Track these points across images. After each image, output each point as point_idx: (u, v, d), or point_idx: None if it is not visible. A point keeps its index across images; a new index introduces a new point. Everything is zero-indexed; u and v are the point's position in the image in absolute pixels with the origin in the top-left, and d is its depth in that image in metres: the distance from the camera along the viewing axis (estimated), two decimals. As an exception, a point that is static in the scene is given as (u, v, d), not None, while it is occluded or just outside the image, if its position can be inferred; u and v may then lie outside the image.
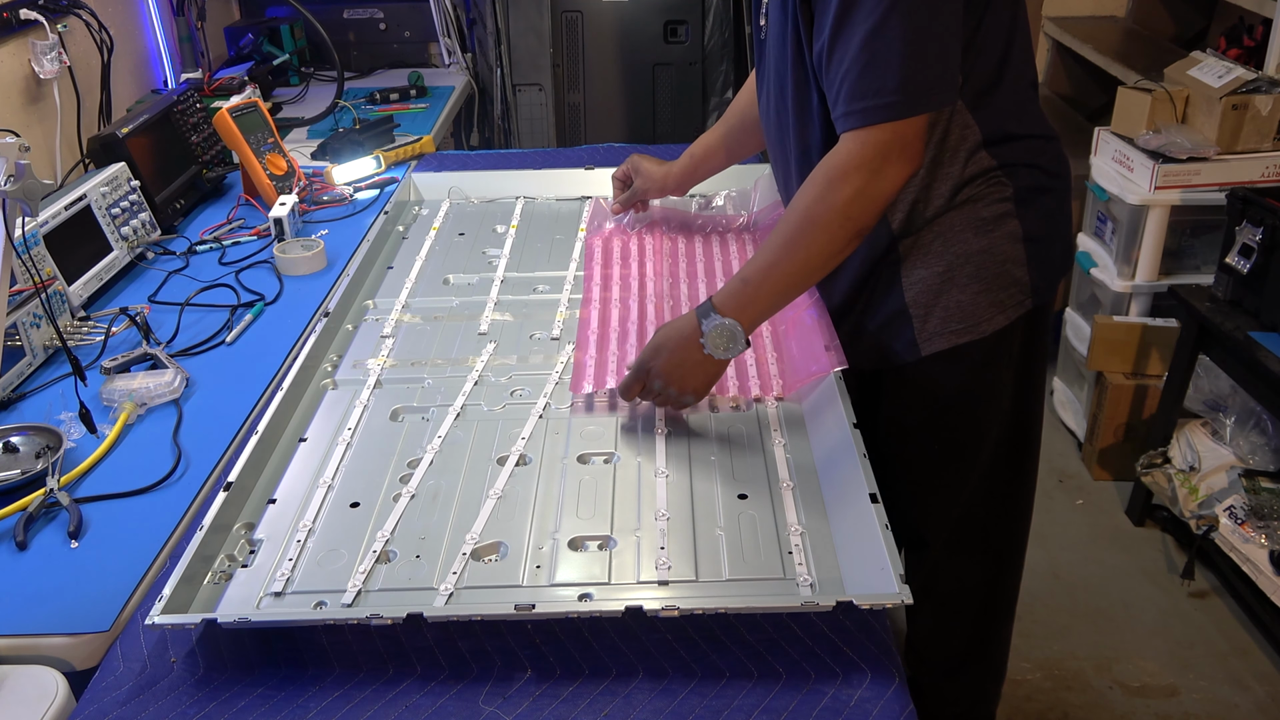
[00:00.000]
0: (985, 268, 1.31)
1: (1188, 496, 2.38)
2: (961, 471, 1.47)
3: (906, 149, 1.17)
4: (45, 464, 1.27)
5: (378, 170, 2.21)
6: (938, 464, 1.47)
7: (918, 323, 1.35)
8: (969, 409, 1.42)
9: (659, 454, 1.24)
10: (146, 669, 0.99)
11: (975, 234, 1.30)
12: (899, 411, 1.45)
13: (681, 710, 0.93)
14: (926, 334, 1.35)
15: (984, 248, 1.31)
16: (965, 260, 1.31)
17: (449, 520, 1.14)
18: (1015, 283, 1.33)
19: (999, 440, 1.45)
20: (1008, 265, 1.32)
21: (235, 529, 1.13)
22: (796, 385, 1.33)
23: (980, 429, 1.44)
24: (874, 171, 1.16)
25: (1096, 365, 2.65)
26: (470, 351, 1.48)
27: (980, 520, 1.52)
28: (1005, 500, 1.54)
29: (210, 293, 1.74)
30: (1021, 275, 1.33)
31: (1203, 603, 2.35)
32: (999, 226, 1.30)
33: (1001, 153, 1.29)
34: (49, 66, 2.08)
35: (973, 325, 1.33)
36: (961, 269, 1.31)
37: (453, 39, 3.11)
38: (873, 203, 1.19)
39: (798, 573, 1.05)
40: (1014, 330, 1.35)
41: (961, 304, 1.33)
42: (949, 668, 1.67)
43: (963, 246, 1.31)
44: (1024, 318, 1.35)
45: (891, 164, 1.17)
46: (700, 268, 1.67)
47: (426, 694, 0.95)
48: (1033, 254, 1.32)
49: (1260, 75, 2.40)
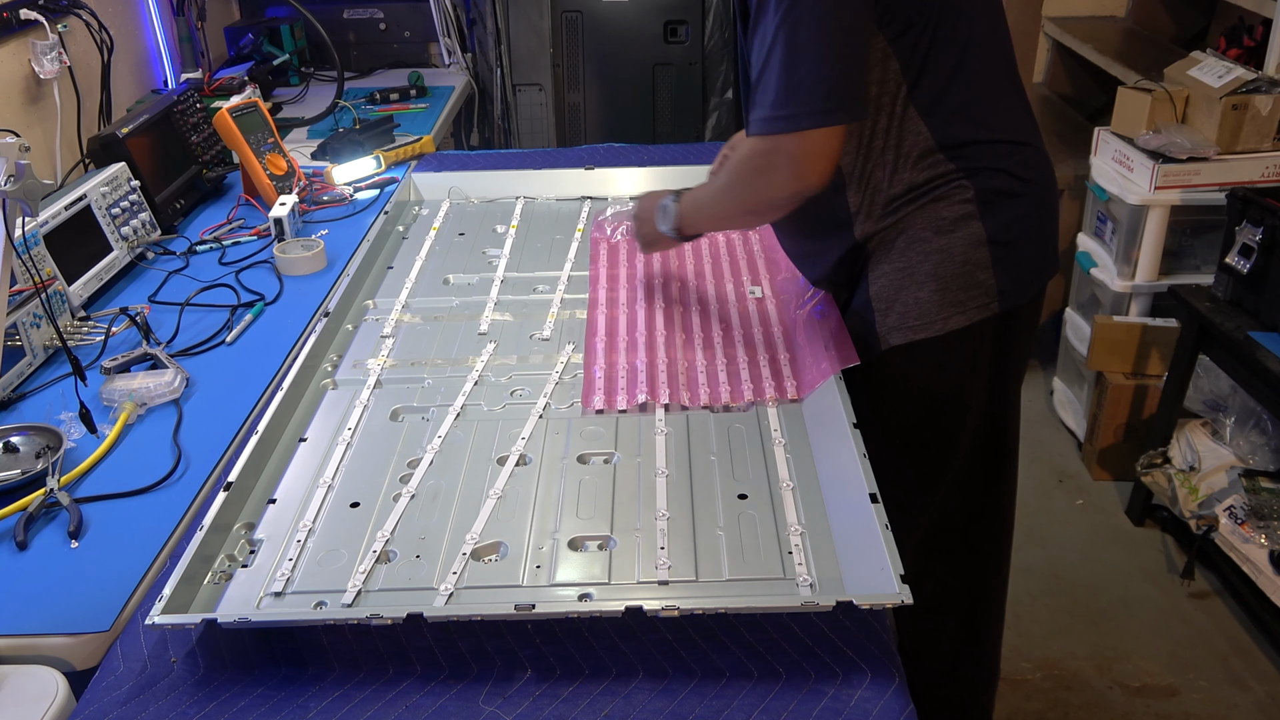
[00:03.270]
0: (943, 267, 1.33)
1: (1188, 496, 2.38)
2: (929, 473, 1.47)
3: (814, 154, 1.21)
4: (45, 464, 1.27)
5: (378, 170, 2.21)
6: (903, 462, 1.46)
7: (879, 316, 1.37)
8: (931, 408, 1.42)
9: (659, 454, 1.24)
10: (146, 669, 0.99)
11: (935, 234, 1.32)
12: (869, 405, 1.45)
13: (681, 710, 0.93)
14: (886, 328, 1.37)
15: (942, 247, 1.32)
16: (924, 258, 1.33)
17: (449, 520, 1.14)
18: (978, 284, 1.33)
19: (972, 444, 1.45)
20: (969, 267, 1.33)
21: (235, 529, 1.13)
22: (812, 386, 1.34)
23: (945, 429, 1.44)
24: (772, 170, 1.23)
25: (1096, 365, 2.65)
26: (470, 351, 1.48)
27: (956, 524, 1.52)
28: (982, 505, 1.53)
29: (210, 293, 1.74)
30: (986, 278, 1.33)
31: (1203, 603, 2.35)
32: (960, 228, 1.32)
33: (960, 156, 1.31)
34: (49, 66, 2.08)
35: (928, 323, 1.35)
36: (920, 266, 1.33)
37: (453, 39, 3.11)
38: (782, 193, 1.25)
39: (798, 573, 1.05)
40: (977, 332, 1.36)
41: (920, 300, 1.34)
42: (942, 669, 1.67)
43: (923, 245, 1.33)
44: (992, 321, 1.35)
45: (778, 171, 1.23)
46: (709, 268, 1.67)
47: (426, 694, 0.95)
48: (999, 257, 1.33)
49: (1260, 75, 2.40)
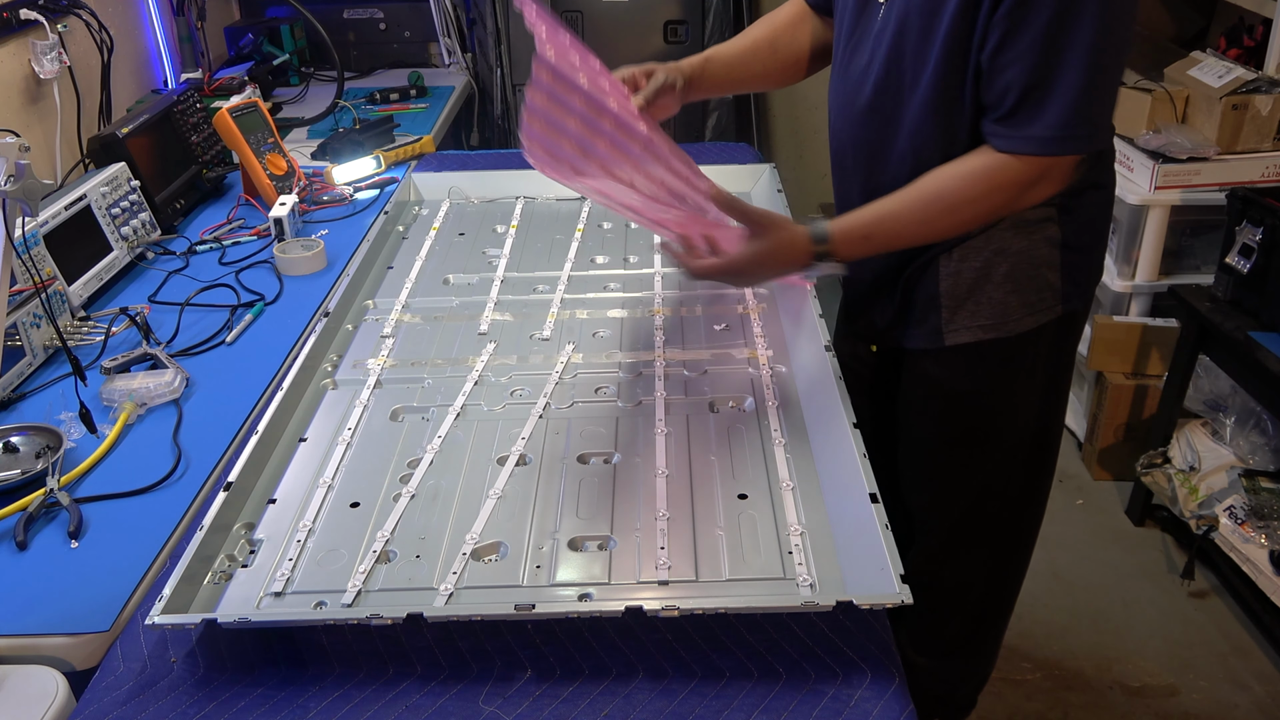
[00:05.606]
0: (1020, 268, 1.32)
1: (1188, 496, 2.38)
2: (969, 467, 1.47)
3: (1063, 175, 1.22)
4: (45, 464, 1.27)
5: (378, 170, 2.21)
6: (945, 455, 1.47)
7: (946, 313, 1.36)
8: (983, 406, 1.42)
9: (659, 454, 1.24)
10: (146, 669, 0.99)
11: (1016, 234, 1.31)
12: (914, 396, 1.46)
13: (681, 710, 0.93)
14: (954, 325, 1.36)
15: (1022, 249, 1.31)
16: (1003, 258, 1.32)
17: (449, 520, 1.14)
18: (1048, 286, 1.33)
19: (1017, 443, 1.45)
20: (1042, 268, 1.32)
21: (235, 529, 1.13)
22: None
23: (994, 427, 1.44)
24: (1025, 189, 1.22)
25: (1097, 365, 2.65)
26: (470, 351, 1.47)
27: (987, 519, 1.52)
28: (1016, 503, 1.53)
29: (210, 293, 1.74)
30: (1054, 280, 1.33)
31: (1203, 603, 2.35)
32: (1040, 230, 1.31)
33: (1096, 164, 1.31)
34: (49, 66, 2.08)
35: (1000, 324, 1.34)
36: (998, 267, 1.32)
37: (453, 39, 3.11)
38: (1010, 212, 1.27)
39: (798, 573, 1.05)
40: (1041, 334, 1.36)
41: (994, 301, 1.33)
42: (940, 652, 1.67)
43: (1002, 244, 1.31)
44: (1053, 323, 1.36)
45: (1044, 186, 1.22)
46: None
47: (426, 694, 0.95)
48: (1067, 260, 1.33)
49: (1260, 75, 2.40)
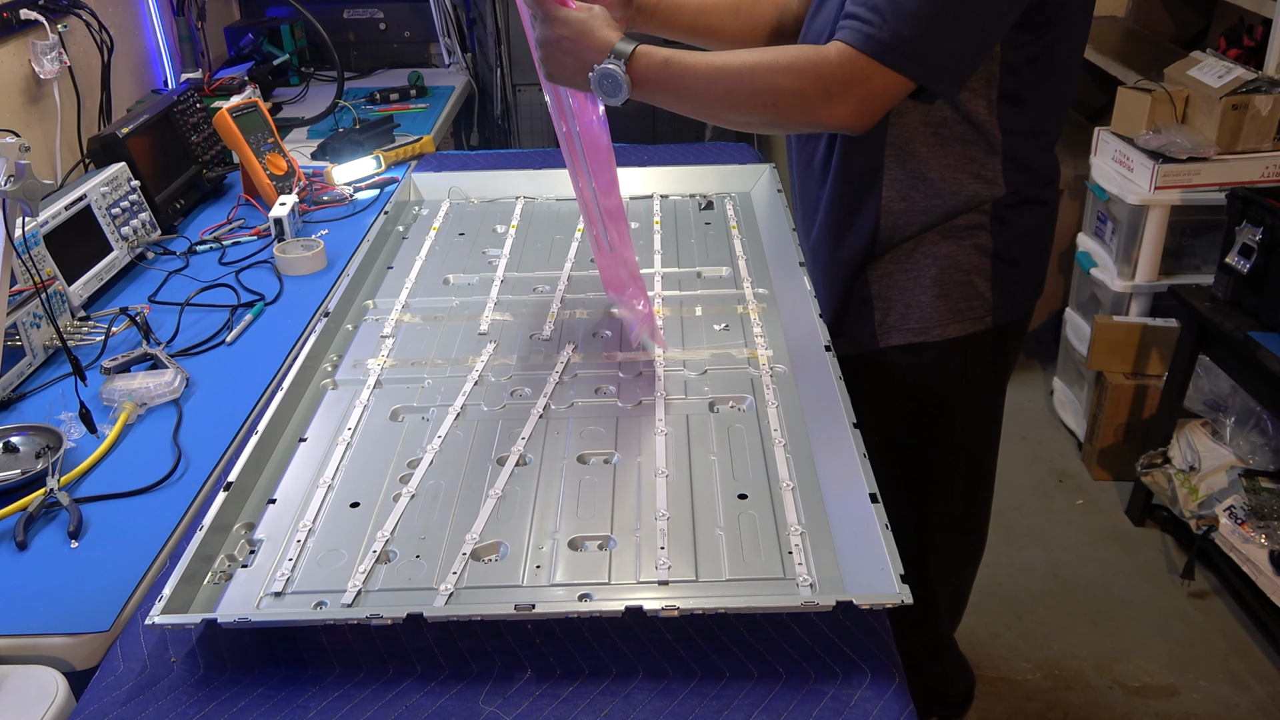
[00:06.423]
0: (948, 273, 1.31)
1: (1188, 496, 2.38)
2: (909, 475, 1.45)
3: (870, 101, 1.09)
4: (45, 464, 1.27)
5: (378, 170, 2.21)
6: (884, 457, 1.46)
7: (879, 315, 1.36)
8: (920, 412, 1.41)
9: (659, 454, 1.24)
10: (146, 669, 0.99)
11: (944, 238, 1.30)
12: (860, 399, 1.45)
13: (681, 710, 0.93)
14: (885, 328, 1.36)
15: (950, 253, 1.30)
16: (931, 262, 1.31)
17: (449, 520, 1.14)
18: (977, 295, 1.32)
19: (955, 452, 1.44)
20: (971, 275, 1.31)
21: (235, 529, 1.13)
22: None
23: (933, 434, 1.43)
24: (826, 87, 1.09)
25: (1096, 365, 2.65)
26: (470, 351, 1.47)
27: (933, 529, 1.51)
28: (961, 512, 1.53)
29: (210, 293, 1.74)
30: (984, 289, 1.32)
31: (1203, 603, 2.35)
32: (970, 236, 1.30)
33: (1015, 178, 1.28)
34: (49, 66, 2.08)
35: (928, 328, 1.33)
36: (926, 270, 1.31)
37: (453, 39, 3.11)
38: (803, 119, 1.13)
39: (798, 573, 1.05)
40: (971, 344, 1.34)
41: (923, 305, 1.33)
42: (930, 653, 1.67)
43: (931, 248, 1.31)
44: (984, 336, 1.34)
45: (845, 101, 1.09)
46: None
47: (426, 694, 0.95)
48: (999, 271, 1.31)
49: (1260, 75, 2.40)
